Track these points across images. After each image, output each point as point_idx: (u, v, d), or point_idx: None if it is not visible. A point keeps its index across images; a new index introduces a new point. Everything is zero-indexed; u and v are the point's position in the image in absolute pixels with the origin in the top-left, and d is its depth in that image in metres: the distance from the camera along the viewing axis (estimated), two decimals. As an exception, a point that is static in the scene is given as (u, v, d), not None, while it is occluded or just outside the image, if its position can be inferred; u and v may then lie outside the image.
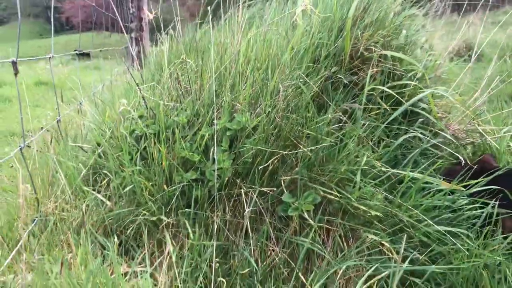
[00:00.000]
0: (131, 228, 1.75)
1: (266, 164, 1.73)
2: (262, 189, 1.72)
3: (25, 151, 2.21)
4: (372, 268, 1.52)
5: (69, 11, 29.93)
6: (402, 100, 1.94)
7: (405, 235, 1.73)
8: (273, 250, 1.68)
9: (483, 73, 2.64)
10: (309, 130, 1.80)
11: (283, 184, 1.72)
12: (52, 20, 2.29)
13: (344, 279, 1.62)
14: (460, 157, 1.87)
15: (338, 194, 1.70)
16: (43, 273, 1.37)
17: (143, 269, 1.56)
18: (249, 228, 1.67)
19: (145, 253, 1.67)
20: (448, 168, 2.17)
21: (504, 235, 1.83)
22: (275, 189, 1.74)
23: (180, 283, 1.52)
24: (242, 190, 1.73)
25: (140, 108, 2.14)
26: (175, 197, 1.74)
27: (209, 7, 1.89)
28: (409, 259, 1.64)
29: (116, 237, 1.61)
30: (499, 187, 1.88)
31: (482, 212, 1.86)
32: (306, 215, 1.65)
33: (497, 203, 1.86)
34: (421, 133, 2.07)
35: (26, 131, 4.38)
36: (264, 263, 1.64)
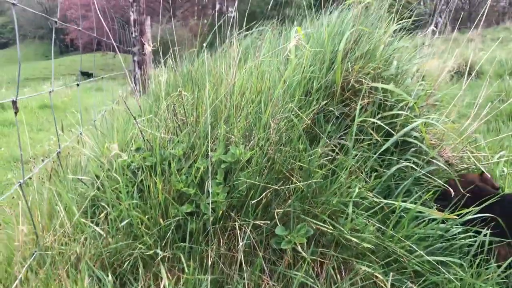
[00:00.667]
0: (128, 261, 1.78)
1: (260, 198, 1.76)
2: (256, 222, 1.75)
3: (26, 181, 2.25)
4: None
5: (74, 33, 30.39)
6: (392, 131, 1.98)
7: (398, 265, 1.76)
8: (267, 283, 1.70)
9: (482, 92, 2.66)
10: (301, 162, 1.84)
11: (276, 217, 1.75)
12: (52, 53, 2.36)
13: (338, 311, 1.64)
14: (449, 188, 1.89)
15: (330, 226, 1.73)
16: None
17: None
18: (243, 261, 1.69)
19: (141, 287, 1.70)
20: (444, 191, 2.19)
21: (498, 264, 1.85)
22: (269, 222, 1.77)
23: (175, 318, 1.55)
24: (237, 224, 1.76)
25: (137, 140, 2.19)
26: (170, 231, 1.77)
27: (204, 44, 1.95)
28: (402, 290, 1.66)
29: (112, 273, 1.64)
30: (492, 215, 1.90)
31: (475, 241, 1.88)
32: (299, 248, 1.68)
33: (490, 231, 1.87)
34: (413, 162, 2.10)
35: (29, 157, 4.45)
36: (258, 296, 1.66)
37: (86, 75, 16.07)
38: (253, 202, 1.76)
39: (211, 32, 2.53)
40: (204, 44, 1.92)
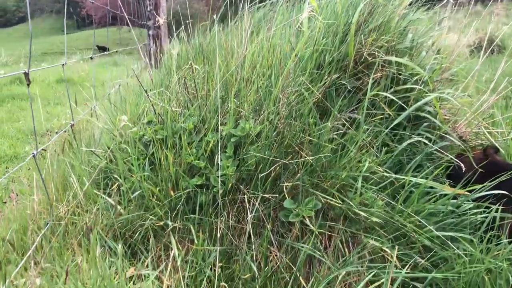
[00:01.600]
0: (139, 232, 1.81)
1: (269, 171, 1.77)
2: (265, 195, 1.77)
3: (41, 153, 2.30)
4: (371, 274, 1.55)
5: (90, 7, 30.37)
6: (404, 106, 1.95)
7: (407, 240, 1.76)
8: (275, 255, 1.73)
9: (501, 66, 2.58)
10: (311, 136, 1.83)
11: (285, 190, 1.76)
12: (65, 29, 2.36)
13: (345, 284, 1.66)
14: (461, 164, 1.86)
15: (339, 200, 1.73)
16: (52, 278, 1.44)
17: (149, 272, 1.62)
18: (251, 233, 1.71)
19: (152, 257, 1.74)
20: (455, 167, 2.16)
21: (509, 240, 1.83)
22: (277, 195, 1.78)
23: (184, 287, 1.58)
24: (245, 196, 1.78)
25: (149, 114, 2.20)
26: (181, 203, 1.80)
27: (215, 16, 1.93)
28: (409, 264, 1.66)
29: (123, 244, 1.67)
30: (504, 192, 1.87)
31: (486, 217, 1.86)
32: (307, 221, 1.69)
33: (502, 207, 1.84)
34: (426, 137, 2.07)
35: (45, 130, 4.52)
36: (266, 268, 1.68)
37: (102, 49, 16.15)
38: (262, 175, 1.77)
39: (224, 4, 2.50)
40: (215, 17, 1.90)
